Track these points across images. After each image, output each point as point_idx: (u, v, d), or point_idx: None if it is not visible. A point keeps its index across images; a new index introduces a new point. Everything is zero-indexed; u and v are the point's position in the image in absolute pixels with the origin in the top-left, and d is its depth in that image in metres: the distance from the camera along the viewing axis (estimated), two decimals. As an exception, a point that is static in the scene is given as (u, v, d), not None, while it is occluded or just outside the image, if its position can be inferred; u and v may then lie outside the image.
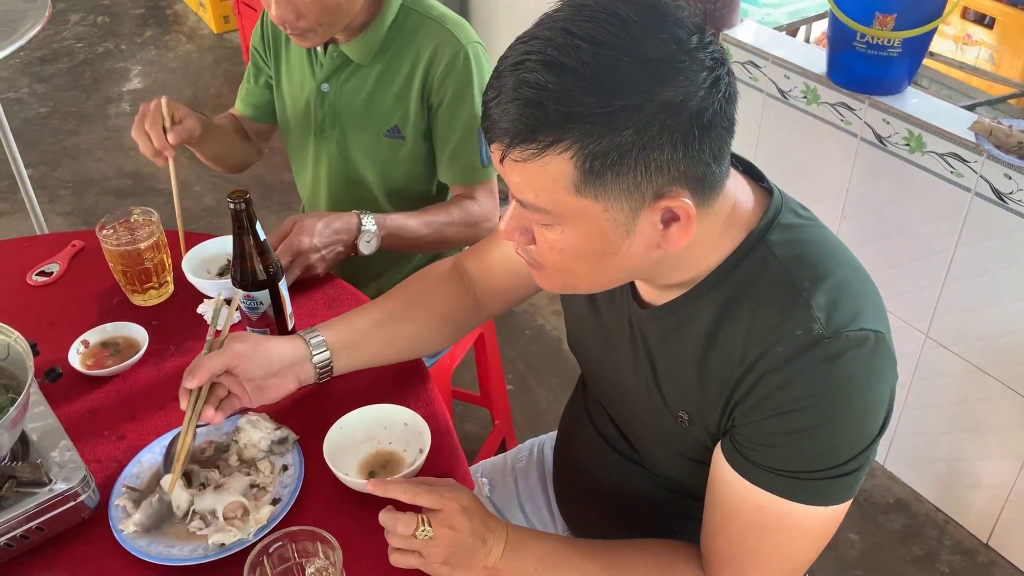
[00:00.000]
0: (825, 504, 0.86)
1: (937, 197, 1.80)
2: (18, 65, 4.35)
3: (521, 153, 0.76)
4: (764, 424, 0.84)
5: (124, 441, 1.16)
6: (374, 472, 1.09)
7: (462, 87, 1.49)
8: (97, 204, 3.32)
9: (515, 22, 3.05)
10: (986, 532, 2.00)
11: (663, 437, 0.99)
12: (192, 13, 4.90)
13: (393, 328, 1.18)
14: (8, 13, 2.44)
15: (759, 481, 0.86)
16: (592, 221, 0.79)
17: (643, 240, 0.81)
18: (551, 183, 0.77)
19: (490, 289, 1.21)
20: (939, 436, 2.00)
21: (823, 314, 0.81)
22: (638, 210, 0.78)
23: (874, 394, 0.83)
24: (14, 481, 1.00)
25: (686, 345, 0.91)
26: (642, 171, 0.76)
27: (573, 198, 0.77)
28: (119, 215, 1.40)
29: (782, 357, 0.81)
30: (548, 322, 2.71)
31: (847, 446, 0.83)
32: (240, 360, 1.06)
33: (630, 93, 0.73)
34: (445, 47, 1.48)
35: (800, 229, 0.88)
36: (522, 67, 0.74)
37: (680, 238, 0.81)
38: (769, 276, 0.85)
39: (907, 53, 1.81)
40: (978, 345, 1.85)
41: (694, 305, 0.89)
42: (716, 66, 0.76)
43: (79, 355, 1.27)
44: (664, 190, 0.77)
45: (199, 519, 1.03)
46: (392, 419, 1.13)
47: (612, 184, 0.76)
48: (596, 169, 0.75)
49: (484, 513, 0.97)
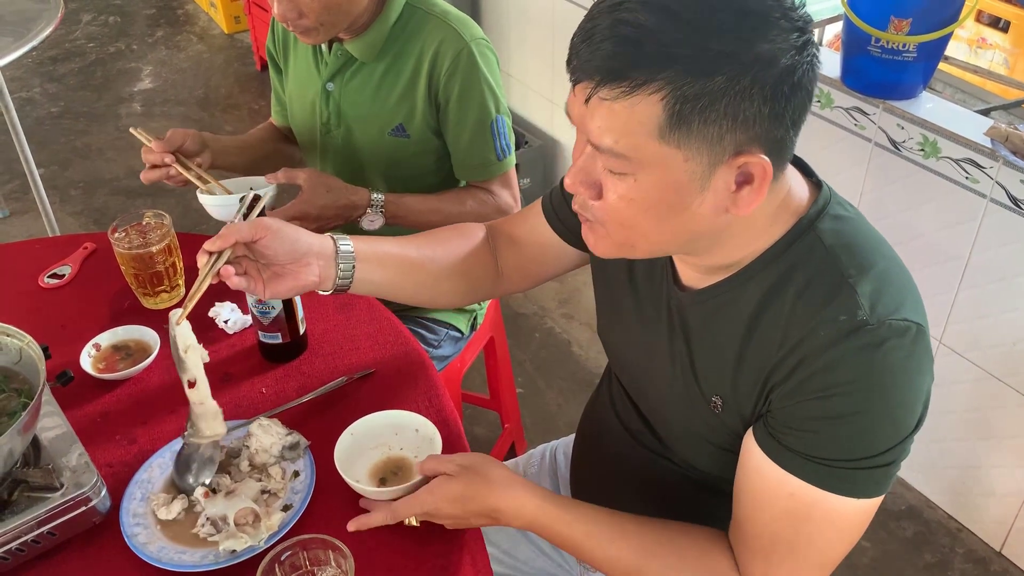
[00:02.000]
0: (857, 496, 0.85)
1: (952, 203, 1.79)
2: (30, 65, 4.37)
3: (611, 91, 0.76)
4: (801, 407, 0.84)
5: (135, 445, 1.16)
6: (385, 479, 1.09)
7: (468, 84, 1.49)
8: (108, 204, 3.33)
9: (525, 22, 3.05)
10: (999, 540, 1.98)
11: (694, 425, 0.99)
12: (203, 13, 4.91)
13: (415, 261, 1.14)
14: (21, 13, 2.45)
15: (791, 467, 0.85)
16: (669, 171, 0.79)
17: (714, 199, 0.81)
18: (636, 126, 0.77)
19: (514, 262, 1.20)
20: (952, 443, 1.99)
21: (867, 301, 0.81)
22: (716, 165, 0.78)
23: (913, 387, 0.83)
24: (26, 486, 1.00)
25: (727, 329, 0.91)
26: (728, 122, 0.76)
27: (656, 144, 0.77)
28: (131, 218, 1.40)
29: (825, 341, 0.81)
30: (558, 325, 2.70)
31: (883, 437, 0.83)
32: (268, 233, 1.00)
33: (728, 40, 0.74)
34: (448, 44, 1.48)
35: (848, 221, 0.89)
36: (621, 8, 0.75)
37: (750, 201, 0.81)
38: (816, 262, 0.85)
39: (922, 57, 1.80)
40: (993, 352, 1.83)
41: (740, 288, 0.90)
42: (806, 29, 0.77)
43: (91, 358, 1.27)
44: (744, 147, 0.78)
45: (210, 525, 1.03)
46: (403, 425, 1.12)
47: (697, 132, 0.76)
48: (684, 114, 0.75)
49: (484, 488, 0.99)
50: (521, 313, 2.75)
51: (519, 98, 3.24)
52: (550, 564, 1.30)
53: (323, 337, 1.33)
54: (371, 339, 1.32)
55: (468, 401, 2.23)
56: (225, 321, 1.34)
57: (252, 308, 1.24)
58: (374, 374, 1.26)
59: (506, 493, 0.98)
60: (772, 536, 0.89)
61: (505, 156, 1.57)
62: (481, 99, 1.51)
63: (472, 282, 1.19)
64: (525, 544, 1.30)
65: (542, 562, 1.30)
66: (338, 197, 1.46)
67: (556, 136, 3.11)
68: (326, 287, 1.06)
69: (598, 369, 2.53)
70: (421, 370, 1.26)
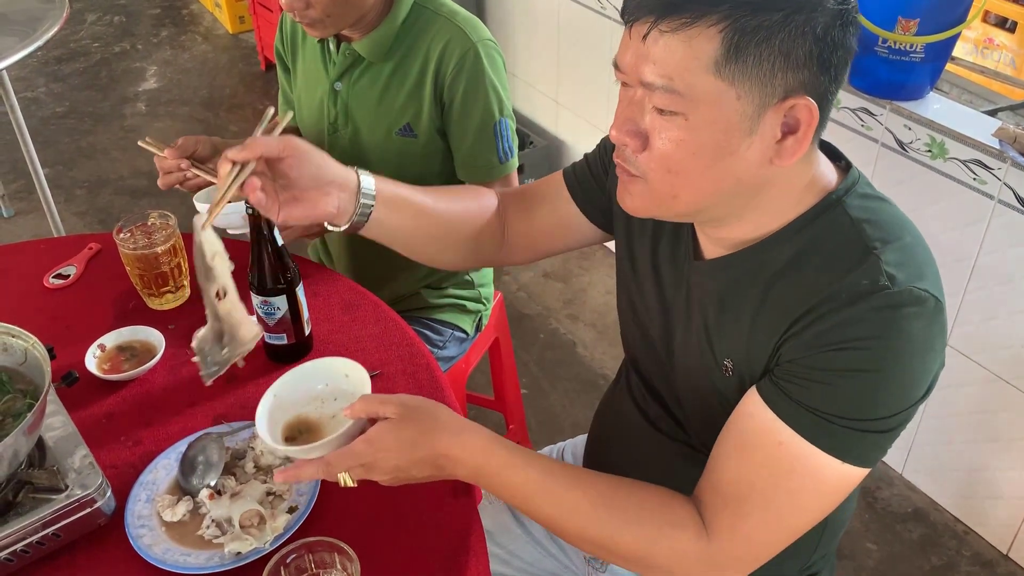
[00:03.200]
0: (845, 459, 0.84)
1: (959, 204, 1.78)
2: (35, 65, 4.37)
3: (669, 24, 0.78)
4: (812, 358, 0.84)
5: (140, 447, 1.16)
6: (293, 437, 1.01)
7: (473, 85, 1.49)
8: (112, 204, 3.33)
9: (531, 22, 3.05)
10: (1006, 543, 1.97)
11: (706, 395, 0.99)
12: (208, 13, 4.91)
13: (431, 213, 1.11)
14: (26, 13, 2.45)
15: (787, 415, 0.85)
16: (721, 109, 0.80)
17: (761, 146, 0.82)
18: (692, 61, 0.79)
19: (523, 232, 1.19)
20: (959, 445, 1.98)
21: (890, 269, 0.83)
22: (765, 107, 0.80)
23: (925, 357, 0.83)
24: (30, 487, 1.00)
25: (746, 293, 0.91)
26: (781, 60, 0.78)
27: (711, 79, 0.79)
28: (136, 218, 1.40)
29: (845, 299, 0.82)
30: (563, 326, 2.70)
31: (887, 401, 0.83)
32: (296, 153, 0.96)
33: None
34: (455, 44, 1.48)
35: (875, 200, 0.91)
36: None
37: (794, 151, 0.83)
38: (841, 234, 0.87)
39: (930, 58, 1.79)
40: (1000, 354, 1.83)
41: (762, 255, 0.91)
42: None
43: (95, 359, 1.27)
44: (792, 90, 0.80)
45: (215, 526, 1.02)
46: (331, 372, 1.03)
47: (752, 68, 0.78)
48: (741, 47, 0.77)
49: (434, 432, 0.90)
50: (526, 314, 2.75)
51: (524, 98, 3.24)
52: (556, 565, 1.29)
53: (328, 338, 1.33)
54: (376, 340, 1.32)
55: (472, 402, 2.23)
56: (230, 322, 1.34)
57: (257, 309, 1.24)
58: (379, 375, 1.25)
59: (456, 435, 0.91)
60: (748, 485, 0.87)
61: (507, 159, 1.57)
62: (486, 100, 1.50)
63: (478, 245, 1.17)
64: (531, 545, 1.30)
65: (548, 563, 1.30)
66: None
67: (561, 136, 3.11)
68: (340, 222, 1.01)
69: (603, 370, 2.53)
70: (426, 371, 1.26)
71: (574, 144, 3.05)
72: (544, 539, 1.29)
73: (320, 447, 0.91)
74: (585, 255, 2.99)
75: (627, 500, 0.91)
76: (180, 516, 1.04)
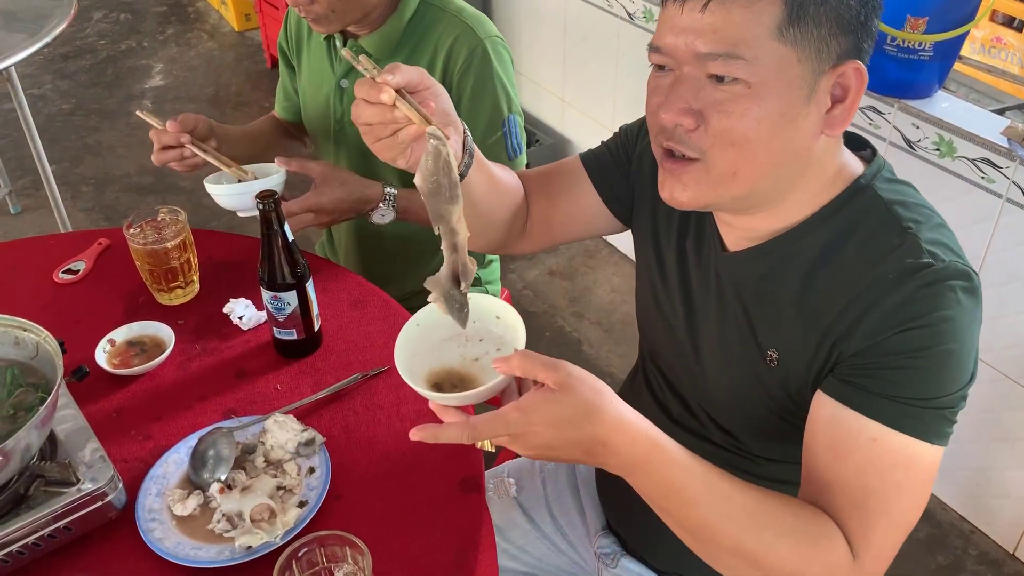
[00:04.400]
0: (933, 440, 0.84)
1: (967, 203, 1.78)
2: (41, 62, 4.38)
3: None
4: (877, 347, 0.84)
5: (150, 441, 1.16)
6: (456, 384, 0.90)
7: (482, 82, 1.49)
8: (119, 200, 3.33)
9: (537, 20, 3.05)
10: (1013, 543, 1.97)
11: (746, 387, 0.99)
12: (214, 11, 4.92)
13: (497, 183, 1.06)
14: (34, 11, 2.46)
15: (872, 410, 0.84)
16: (783, 73, 0.81)
17: (816, 114, 0.84)
18: (756, 25, 0.80)
19: (542, 216, 1.16)
20: (966, 445, 1.98)
21: (930, 247, 0.85)
22: (820, 73, 0.82)
23: (974, 329, 0.85)
24: (42, 480, 1.00)
25: (784, 283, 0.93)
26: (834, 25, 0.81)
27: (774, 43, 0.80)
28: (146, 213, 1.40)
29: (893, 281, 0.84)
30: (568, 324, 2.70)
31: (952, 375, 0.84)
32: (433, 85, 0.93)
33: None
34: (463, 42, 1.47)
35: (902, 184, 0.93)
36: None
37: (843, 119, 0.85)
38: (877, 216, 0.89)
39: (938, 56, 1.79)
40: (1008, 354, 1.82)
41: (796, 243, 0.92)
42: None
43: (105, 354, 1.27)
44: (842, 57, 0.83)
45: (225, 521, 1.03)
46: (480, 311, 0.93)
47: (812, 31, 0.81)
48: (803, 10, 0.80)
49: (596, 413, 0.79)
50: (532, 312, 2.75)
51: (530, 96, 3.24)
52: (565, 561, 1.30)
53: (337, 334, 1.33)
54: (385, 336, 1.32)
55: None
56: (240, 317, 1.34)
57: (267, 304, 1.24)
58: (388, 370, 1.25)
59: (619, 423, 0.79)
60: (863, 488, 0.84)
61: (516, 155, 1.57)
62: (494, 97, 1.50)
63: (511, 226, 1.13)
64: (540, 540, 1.30)
65: (557, 559, 1.30)
66: (351, 191, 1.46)
67: (567, 135, 3.11)
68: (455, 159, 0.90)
69: (609, 368, 2.53)
70: (436, 367, 1.26)
71: (580, 142, 3.05)
72: (553, 534, 1.30)
73: (464, 398, 0.83)
74: (591, 253, 2.99)
75: (781, 510, 0.84)
76: (191, 510, 1.04)
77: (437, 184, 0.83)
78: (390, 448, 1.14)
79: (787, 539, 0.83)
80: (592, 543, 1.25)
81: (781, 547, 0.82)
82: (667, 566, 1.19)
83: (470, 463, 1.11)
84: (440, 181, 0.82)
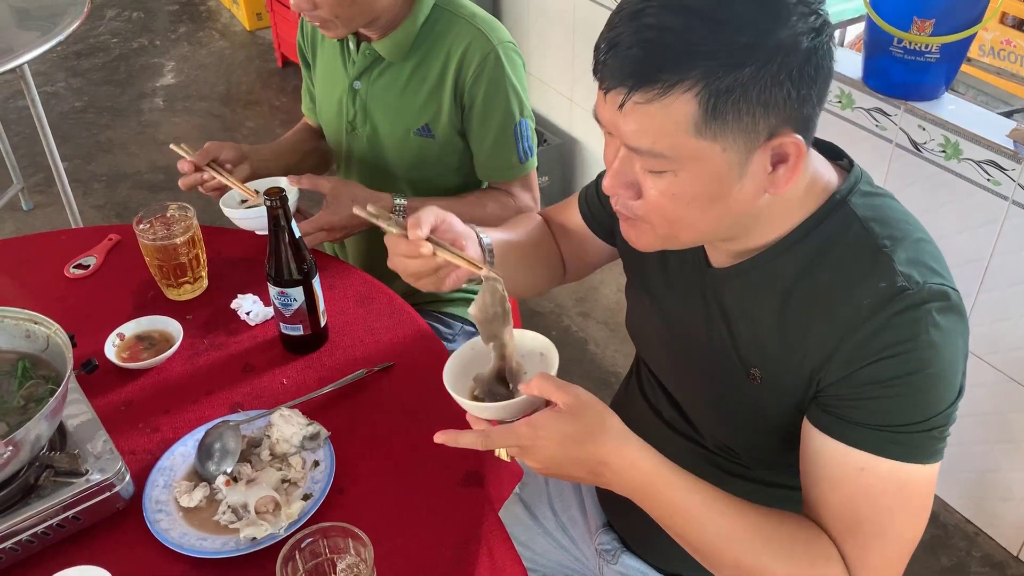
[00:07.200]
0: (921, 460, 0.85)
1: (973, 205, 1.78)
2: (54, 59, 4.41)
3: (644, 95, 0.78)
4: (856, 375, 0.85)
5: (158, 434, 1.17)
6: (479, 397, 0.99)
7: (494, 87, 1.50)
8: (130, 198, 3.36)
9: (545, 21, 3.05)
10: (1017, 545, 1.97)
11: (731, 401, 0.99)
12: (225, 10, 4.95)
13: (523, 248, 1.17)
14: (47, 8, 2.48)
15: (854, 440, 0.85)
16: (708, 163, 0.81)
17: (753, 183, 0.83)
18: (672, 126, 0.79)
19: (567, 250, 1.25)
20: (971, 446, 1.98)
21: (905, 268, 0.84)
22: (752, 150, 0.81)
23: (956, 347, 0.85)
24: (51, 471, 1.02)
25: (763, 302, 0.92)
26: (761, 109, 0.78)
27: (693, 140, 0.79)
28: (155, 210, 1.42)
29: (867, 308, 0.83)
30: (574, 323, 2.71)
31: (935, 398, 0.84)
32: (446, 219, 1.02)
33: (750, 31, 0.76)
34: (476, 47, 1.48)
35: (879, 197, 0.92)
36: (643, 14, 0.78)
37: (787, 179, 0.83)
38: (851, 235, 0.88)
39: (945, 59, 1.79)
40: (1012, 355, 1.82)
41: (773, 262, 0.92)
42: (820, 11, 0.80)
43: (115, 348, 1.29)
44: (777, 130, 0.80)
45: (231, 512, 1.04)
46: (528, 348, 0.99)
47: (732, 123, 0.79)
48: (719, 107, 0.77)
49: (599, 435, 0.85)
50: (538, 312, 2.76)
51: (538, 97, 3.24)
52: (567, 557, 1.31)
53: (344, 330, 1.34)
54: (391, 332, 1.33)
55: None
56: (247, 313, 1.36)
57: (274, 300, 1.26)
58: (394, 366, 1.27)
59: (621, 447, 0.86)
60: (855, 515, 0.87)
61: (527, 158, 1.58)
62: (506, 103, 1.51)
63: (550, 268, 1.23)
64: (543, 537, 1.31)
65: (560, 555, 1.31)
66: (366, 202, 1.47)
67: (575, 135, 3.11)
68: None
69: (614, 367, 2.54)
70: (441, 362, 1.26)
71: (588, 143, 3.05)
72: (555, 530, 1.31)
73: (487, 410, 0.90)
74: (598, 253, 3.00)
75: (779, 531, 0.89)
76: (197, 502, 1.06)
77: (493, 314, 0.94)
78: (394, 443, 1.15)
79: (784, 560, 0.87)
80: (593, 540, 1.26)
81: (779, 568, 0.87)
82: (666, 564, 1.20)
83: (472, 458, 1.12)
84: (496, 311, 0.94)
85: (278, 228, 1.20)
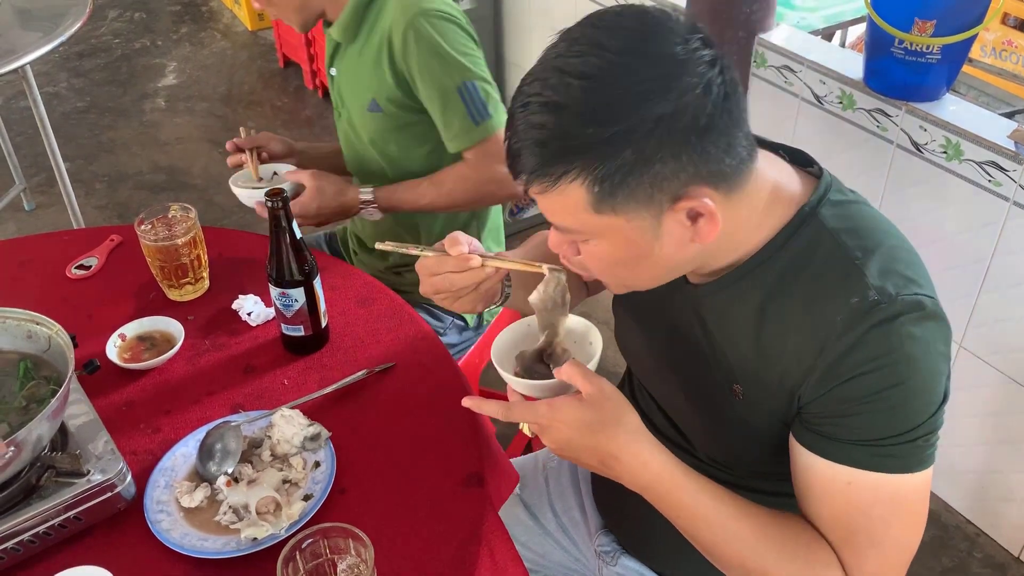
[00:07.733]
0: (909, 470, 0.85)
1: (974, 206, 1.78)
2: (56, 60, 4.42)
3: (539, 186, 0.82)
4: (833, 393, 0.85)
5: (159, 434, 1.18)
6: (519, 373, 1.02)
7: (422, 57, 1.49)
8: (132, 198, 3.36)
9: (548, 20, 3.06)
10: (1018, 546, 1.97)
11: (716, 415, 1.00)
12: (227, 10, 4.95)
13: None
14: (50, 9, 2.48)
15: (839, 456, 0.86)
16: (618, 232, 0.84)
17: (673, 240, 0.85)
18: (572, 207, 0.83)
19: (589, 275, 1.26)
20: (972, 447, 1.98)
21: (877, 281, 0.84)
22: (659, 216, 0.83)
23: (935, 355, 0.84)
24: (53, 471, 1.02)
25: (739, 319, 0.93)
26: (650, 183, 0.80)
27: (595, 217, 0.83)
28: (157, 211, 1.42)
29: (841, 325, 0.83)
30: (576, 324, 2.70)
31: (916, 409, 0.84)
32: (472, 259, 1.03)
33: (623, 118, 0.77)
34: (398, 26, 1.49)
35: (850, 205, 0.91)
36: (527, 109, 0.81)
37: (710, 231, 0.84)
38: (823, 248, 0.88)
39: (946, 59, 1.79)
40: (1014, 356, 1.82)
41: (745, 279, 0.91)
42: (707, 69, 0.79)
43: (116, 348, 1.29)
44: (680, 192, 0.81)
45: (232, 513, 1.04)
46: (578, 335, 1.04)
47: (626, 200, 0.81)
48: (607, 189, 0.80)
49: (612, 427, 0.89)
50: (539, 311, 2.75)
51: (540, 97, 3.24)
52: (567, 557, 1.31)
53: (344, 331, 1.34)
54: (392, 333, 1.34)
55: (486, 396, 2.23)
56: (248, 313, 1.36)
57: (275, 301, 1.26)
58: (394, 367, 1.27)
59: (632, 443, 0.89)
60: (848, 528, 0.88)
61: (482, 120, 1.51)
62: (441, 68, 1.49)
63: (575, 290, 1.25)
64: (542, 536, 1.31)
65: (559, 555, 1.31)
66: (329, 200, 1.55)
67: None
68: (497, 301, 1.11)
69: (615, 368, 2.53)
70: (441, 363, 1.28)
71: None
72: (555, 531, 1.31)
73: (519, 384, 0.96)
74: (599, 254, 2.99)
75: (783, 533, 0.91)
76: (198, 502, 1.06)
77: (553, 303, 0.99)
78: (394, 444, 1.15)
79: (786, 563, 0.90)
80: (593, 541, 1.27)
81: (780, 570, 0.90)
82: (663, 567, 1.20)
83: (473, 459, 1.12)
84: (556, 300, 0.99)
85: (279, 229, 1.20)
